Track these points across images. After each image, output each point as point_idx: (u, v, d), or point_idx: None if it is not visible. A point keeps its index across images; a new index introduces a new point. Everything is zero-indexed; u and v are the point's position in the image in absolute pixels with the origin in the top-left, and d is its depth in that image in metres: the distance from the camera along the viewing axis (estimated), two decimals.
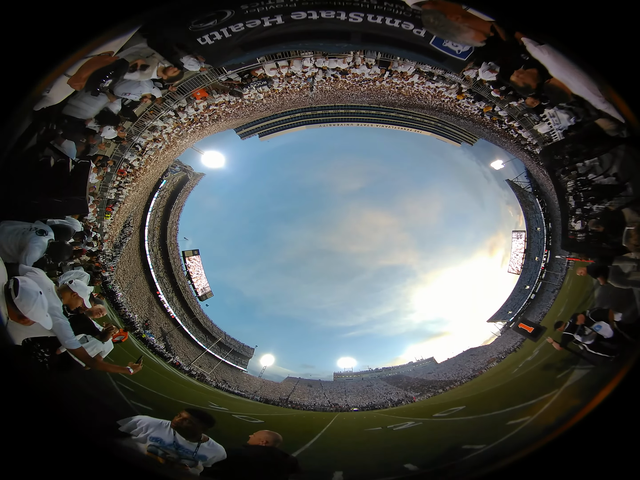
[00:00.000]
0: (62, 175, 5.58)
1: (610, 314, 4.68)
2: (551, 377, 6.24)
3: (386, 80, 7.84)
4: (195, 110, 9.18)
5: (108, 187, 11.33)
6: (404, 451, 5.85)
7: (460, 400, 11.08)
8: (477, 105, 7.82)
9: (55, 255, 4.15)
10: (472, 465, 1.57)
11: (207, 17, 4.48)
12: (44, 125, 5.09)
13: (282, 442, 3.04)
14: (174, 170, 15.14)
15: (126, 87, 5.87)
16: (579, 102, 4.05)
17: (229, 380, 17.14)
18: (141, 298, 16.34)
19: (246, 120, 11.93)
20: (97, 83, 4.68)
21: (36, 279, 3.08)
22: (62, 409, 1.49)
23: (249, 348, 20.41)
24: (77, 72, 4.23)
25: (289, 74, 7.61)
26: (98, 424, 2.96)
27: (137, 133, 9.78)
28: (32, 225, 4.10)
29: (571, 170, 5.34)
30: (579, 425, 1.48)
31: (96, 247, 11.81)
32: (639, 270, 3.97)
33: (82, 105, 5.55)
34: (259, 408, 14.43)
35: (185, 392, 11.92)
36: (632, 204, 3.92)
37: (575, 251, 8.01)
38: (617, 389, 1.49)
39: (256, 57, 7.31)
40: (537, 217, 14.83)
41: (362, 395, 17.49)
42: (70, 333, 3.23)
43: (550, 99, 4.49)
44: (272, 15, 4.84)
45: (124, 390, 5.10)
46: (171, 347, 15.82)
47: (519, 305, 16.05)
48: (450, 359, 18.04)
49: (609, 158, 4.09)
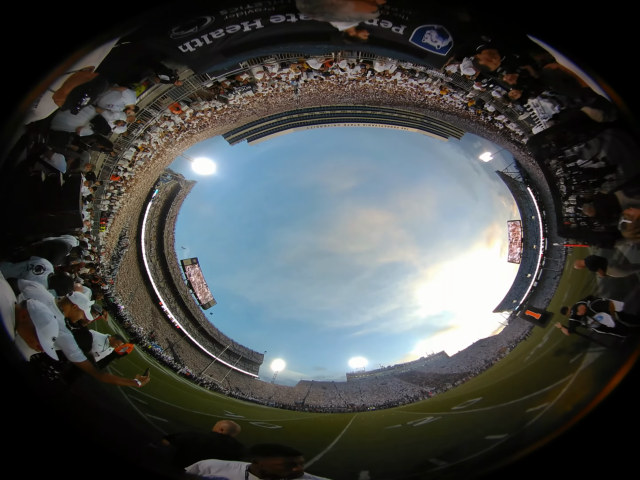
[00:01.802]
0: (54, 189, 5.58)
1: (611, 306, 4.59)
2: (564, 362, 6.24)
3: (369, 80, 7.92)
4: (182, 119, 9.21)
5: (101, 199, 11.32)
6: (427, 446, 5.88)
7: (476, 392, 11.03)
8: (461, 100, 7.91)
9: (60, 288, 4.03)
10: (498, 455, 1.63)
11: (187, 24, 4.51)
12: (33, 139, 5.09)
13: (238, 433, 3.26)
14: (165, 179, 15.14)
15: (108, 99, 5.91)
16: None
17: (242, 387, 17.03)
18: (144, 310, 16.26)
19: (233, 125, 11.96)
20: (77, 100, 4.69)
21: (36, 293, 3.07)
22: (89, 431, 1.47)
23: (258, 354, 20.31)
24: (60, 88, 4.26)
25: (273, 77, 7.67)
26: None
27: (125, 144, 9.80)
28: (28, 263, 4.00)
29: (559, 157, 5.41)
30: (598, 408, 1.48)
31: (94, 261, 11.77)
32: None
33: (69, 119, 5.56)
34: (276, 414, 14.34)
35: (199, 402, 11.76)
36: (624, 186, 3.92)
37: (571, 237, 8.07)
38: (633, 371, 1.49)
39: (238, 63, 7.36)
40: (530, 206, 14.92)
41: (378, 394, 17.43)
42: (74, 346, 3.27)
43: (554, 87, 4.41)
44: (252, 20, 4.86)
45: (137, 403, 5.06)
46: (179, 358, 15.70)
47: (523, 294, 16.04)
48: (461, 351, 17.99)
49: (596, 143, 4.13)
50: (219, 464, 2.46)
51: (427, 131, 13.86)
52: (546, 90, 4.83)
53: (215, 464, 2.46)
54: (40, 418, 1.40)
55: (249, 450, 2.56)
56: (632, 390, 1.46)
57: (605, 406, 1.47)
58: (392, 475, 4.00)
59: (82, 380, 3.51)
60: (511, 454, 1.51)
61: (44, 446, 1.36)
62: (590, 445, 1.43)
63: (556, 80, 3.64)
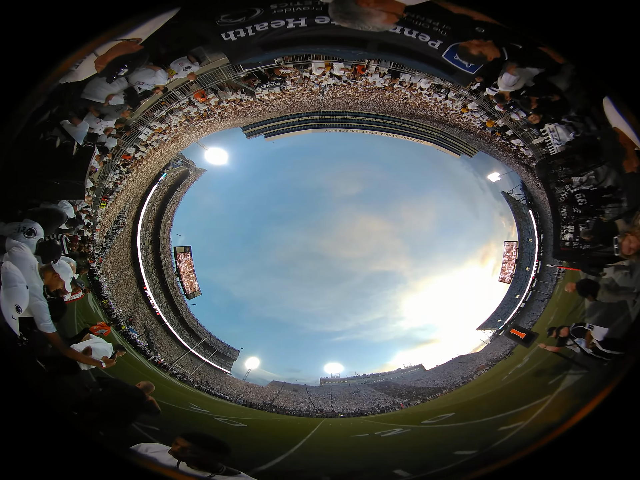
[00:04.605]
0: (65, 157, 5.55)
1: (588, 336, 4.60)
2: (543, 383, 6.23)
3: (395, 90, 8.21)
4: (206, 107, 9.30)
5: (108, 175, 11.19)
6: (393, 457, 5.77)
7: (449, 407, 11.11)
8: (480, 119, 8.28)
9: (46, 255, 4.01)
10: (465, 470, 1.59)
11: (237, 13, 4.64)
12: (58, 102, 5.08)
13: (151, 390, 4.40)
14: (175, 164, 15.08)
15: (141, 76, 5.97)
16: (580, 118, 4.37)
17: (212, 382, 16.75)
18: (127, 292, 15.99)
19: (254, 119, 12.10)
20: (116, 70, 4.76)
21: (21, 255, 3.05)
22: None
23: (234, 350, 20.02)
24: (104, 54, 4.32)
25: (303, 77, 7.87)
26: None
27: (144, 123, 9.80)
28: (20, 225, 3.98)
29: (566, 183, 5.68)
30: (573, 429, 1.50)
31: (87, 235, 11.59)
32: (631, 279, 3.99)
33: (99, 89, 5.57)
34: (242, 412, 14.14)
35: (166, 392, 11.48)
36: (625, 215, 4.01)
37: (566, 260, 8.39)
38: (612, 395, 1.52)
39: (273, 58, 7.53)
40: (529, 229, 15.33)
41: (349, 401, 17.33)
42: (47, 316, 3.20)
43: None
44: (297, 18, 5.00)
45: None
46: (154, 345, 15.42)
47: (509, 314, 16.35)
48: (439, 366, 18.02)
49: (604, 171, 4.34)
50: (157, 446, 2.61)
51: (442, 146, 14.23)
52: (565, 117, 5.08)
53: (153, 446, 2.62)
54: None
55: (179, 434, 2.68)
56: (608, 415, 1.49)
57: (580, 428, 1.49)
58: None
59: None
60: (478, 469, 1.52)
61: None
62: (563, 465, 1.46)
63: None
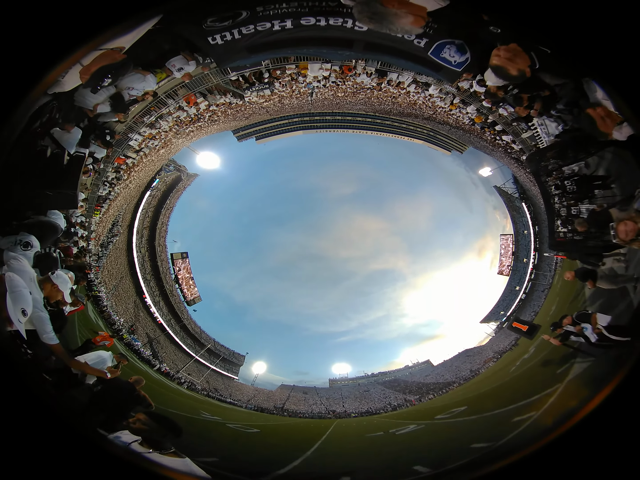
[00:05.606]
0: (57, 167, 5.49)
1: (593, 319, 4.58)
2: (551, 372, 6.30)
3: (383, 90, 8.26)
4: (195, 111, 9.27)
5: (100, 183, 11.09)
6: (411, 454, 5.80)
7: (461, 401, 11.03)
8: (468, 115, 8.36)
9: (43, 267, 4.04)
10: (485, 461, 1.60)
11: (224, 16, 4.64)
12: (48, 112, 5.03)
13: (141, 384, 4.60)
14: (167, 170, 15.01)
15: (130, 82, 5.93)
16: (569, 110, 4.42)
17: (221, 388, 16.64)
18: (127, 301, 15.84)
19: (244, 122, 12.09)
20: (99, 80, 4.72)
21: (19, 267, 3.03)
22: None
23: (239, 355, 19.92)
24: (88, 64, 4.29)
25: (291, 79, 7.88)
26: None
27: (133, 130, 9.73)
28: (17, 238, 3.99)
29: (557, 174, 5.73)
30: (587, 418, 1.49)
31: (83, 245, 11.48)
32: (630, 267, 3.99)
33: (89, 96, 5.53)
34: (254, 417, 14.04)
35: (176, 401, 11.43)
36: (619, 203, 3.99)
37: (562, 251, 8.47)
38: (622, 382, 1.50)
39: (260, 61, 7.53)
40: (523, 221, 15.47)
41: (360, 401, 17.30)
42: (49, 327, 3.21)
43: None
44: (283, 19, 5.00)
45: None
46: (158, 354, 15.28)
47: (511, 306, 16.43)
48: (447, 360, 18.07)
49: (595, 161, 4.36)
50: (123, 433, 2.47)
51: (432, 144, 14.37)
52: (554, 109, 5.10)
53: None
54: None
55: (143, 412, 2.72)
56: (623, 400, 1.48)
57: (596, 415, 1.49)
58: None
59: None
60: (498, 461, 1.51)
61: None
62: (579, 453, 1.46)
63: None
